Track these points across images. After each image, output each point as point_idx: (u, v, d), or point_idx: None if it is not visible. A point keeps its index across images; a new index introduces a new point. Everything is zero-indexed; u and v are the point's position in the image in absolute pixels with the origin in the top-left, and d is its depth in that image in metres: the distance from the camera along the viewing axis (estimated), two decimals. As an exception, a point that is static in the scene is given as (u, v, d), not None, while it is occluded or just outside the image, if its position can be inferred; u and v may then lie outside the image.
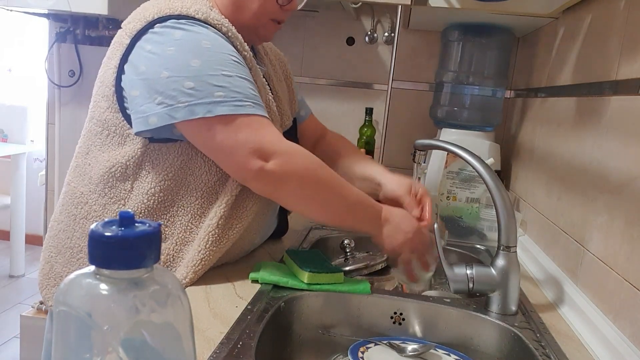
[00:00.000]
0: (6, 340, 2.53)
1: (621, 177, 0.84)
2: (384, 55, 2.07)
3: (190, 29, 0.86)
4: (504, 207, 0.87)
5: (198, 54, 0.83)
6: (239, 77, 0.85)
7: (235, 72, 0.85)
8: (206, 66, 0.83)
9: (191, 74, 0.82)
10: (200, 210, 0.91)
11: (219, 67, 0.84)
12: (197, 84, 0.82)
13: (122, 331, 0.37)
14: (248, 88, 0.86)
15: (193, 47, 0.84)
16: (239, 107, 0.83)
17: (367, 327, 0.90)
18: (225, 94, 0.83)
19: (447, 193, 1.35)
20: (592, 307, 0.87)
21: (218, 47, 0.86)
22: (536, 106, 1.46)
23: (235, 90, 0.84)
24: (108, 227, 0.37)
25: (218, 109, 0.82)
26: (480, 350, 0.87)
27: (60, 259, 0.94)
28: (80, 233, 0.93)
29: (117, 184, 0.90)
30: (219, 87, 0.83)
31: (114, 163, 0.90)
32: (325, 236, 1.25)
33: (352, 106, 2.12)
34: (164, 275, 0.40)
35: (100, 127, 0.92)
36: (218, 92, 0.82)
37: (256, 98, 0.87)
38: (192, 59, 0.83)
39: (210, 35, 0.86)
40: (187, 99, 0.82)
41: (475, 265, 0.89)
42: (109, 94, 0.90)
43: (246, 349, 0.70)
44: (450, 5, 1.33)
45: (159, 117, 0.83)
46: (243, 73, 0.87)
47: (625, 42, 0.90)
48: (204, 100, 0.82)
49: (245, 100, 0.84)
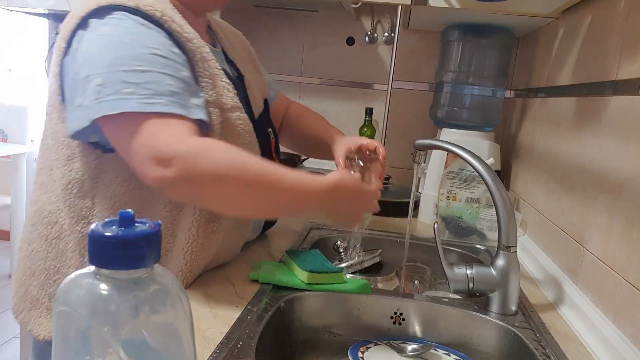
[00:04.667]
0: (6, 340, 2.53)
1: (621, 177, 0.84)
2: (384, 55, 2.07)
3: (113, 24, 0.79)
4: (504, 207, 0.87)
5: (115, 49, 0.77)
6: (157, 72, 0.77)
7: (154, 67, 0.77)
8: (120, 61, 0.76)
9: (103, 70, 0.76)
10: (171, 219, 0.86)
11: (135, 61, 0.76)
12: (106, 80, 0.75)
13: (122, 331, 0.37)
14: (166, 84, 0.77)
15: (111, 43, 0.77)
16: (147, 104, 0.75)
17: (367, 327, 0.90)
18: (134, 90, 0.75)
19: (447, 193, 1.35)
20: (592, 307, 0.87)
21: (140, 41, 0.78)
22: (536, 106, 1.46)
23: (148, 87, 0.75)
24: (108, 227, 0.37)
25: (124, 105, 0.74)
26: (480, 350, 0.87)
27: (35, 281, 0.89)
28: (55, 254, 0.88)
29: (77, 201, 0.85)
30: (129, 83, 0.75)
31: (69, 180, 0.84)
32: (325, 236, 1.26)
33: (352, 106, 2.12)
34: (164, 275, 0.40)
35: (53, 140, 0.86)
36: (127, 88, 0.75)
37: (176, 95, 0.77)
38: (106, 54, 0.76)
39: (134, 28, 0.79)
40: (95, 96, 0.75)
41: (475, 265, 0.89)
42: (56, 104, 0.85)
43: (246, 349, 0.70)
44: (450, 5, 1.33)
45: (77, 120, 0.77)
46: (166, 67, 0.78)
47: (625, 42, 0.90)
48: (111, 97, 0.74)
49: (158, 97, 0.75)
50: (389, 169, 1.97)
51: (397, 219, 1.47)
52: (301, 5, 1.95)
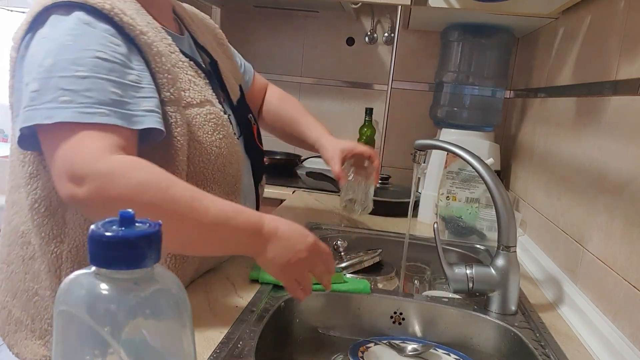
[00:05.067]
0: (6, 340, 2.53)
1: (621, 177, 0.84)
2: (384, 55, 2.07)
3: (55, 25, 0.73)
4: (503, 207, 0.87)
5: (54, 52, 0.71)
6: (99, 78, 0.71)
7: (95, 72, 0.71)
8: (58, 66, 0.70)
9: (39, 75, 0.70)
10: None
11: (74, 66, 0.70)
12: (42, 86, 0.69)
13: (122, 331, 0.37)
14: (109, 91, 0.71)
15: (51, 47, 0.72)
16: (84, 114, 0.68)
17: (367, 327, 0.90)
18: (72, 98, 0.69)
19: (447, 193, 1.35)
20: (592, 307, 0.87)
21: (81, 43, 0.72)
22: (536, 106, 1.46)
23: (87, 95, 0.69)
24: (108, 227, 0.37)
25: (58, 114, 0.68)
26: (480, 350, 0.87)
27: (17, 302, 0.85)
28: (32, 275, 0.83)
29: (46, 220, 0.80)
30: (67, 90, 0.69)
31: (35, 198, 0.80)
32: (325, 236, 1.26)
33: (352, 106, 2.12)
34: (165, 275, 0.40)
35: (17, 157, 0.82)
36: (64, 96, 0.69)
37: (119, 103, 0.72)
38: (45, 59, 0.71)
39: (76, 29, 0.72)
40: (29, 103, 0.69)
41: (475, 265, 0.89)
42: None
43: (246, 349, 0.70)
44: (450, 6, 1.33)
45: (19, 130, 0.71)
46: (110, 72, 0.72)
47: (625, 42, 0.90)
48: (46, 105, 0.68)
49: (98, 106, 0.69)
50: (389, 169, 1.97)
51: (397, 219, 1.47)
52: (301, 6, 1.95)
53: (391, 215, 1.49)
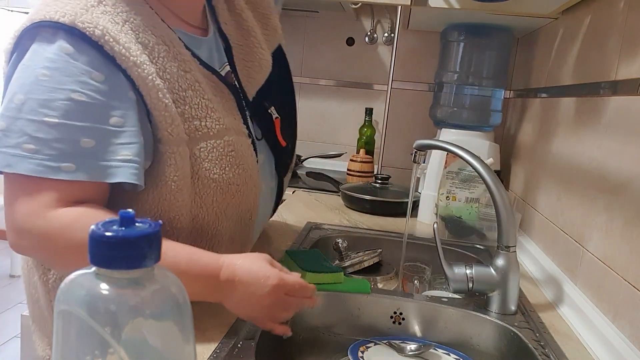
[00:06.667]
0: (6, 340, 2.53)
1: (621, 177, 0.84)
2: (384, 55, 2.07)
3: (35, 50, 0.67)
4: (503, 207, 0.87)
5: (26, 88, 0.65)
6: (71, 125, 0.65)
7: (68, 117, 0.65)
8: (28, 106, 0.64)
9: (8, 112, 0.65)
10: None
11: (45, 109, 0.64)
12: (9, 127, 0.64)
13: (122, 331, 0.37)
14: (81, 141, 0.65)
15: (26, 79, 0.66)
16: (48, 168, 0.64)
17: (367, 327, 0.90)
18: (37, 148, 0.64)
19: (447, 193, 1.35)
20: (592, 307, 0.87)
21: (57, 80, 0.65)
22: (536, 106, 1.46)
23: (54, 146, 0.64)
24: (108, 227, 0.37)
25: (20, 165, 0.64)
26: (480, 349, 0.87)
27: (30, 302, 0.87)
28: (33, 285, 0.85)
29: None
30: (33, 137, 0.64)
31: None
32: (325, 236, 1.26)
33: (352, 106, 2.12)
34: (164, 275, 0.40)
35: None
36: (29, 143, 0.64)
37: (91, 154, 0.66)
38: (16, 94, 0.65)
39: (54, 61, 0.66)
40: None
41: (475, 265, 0.89)
42: None
43: (246, 349, 0.70)
44: (449, 6, 1.33)
45: None
46: (85, 117, 0.66)
47: (625, 43, 0.90)
48: (8, 150, 0.64)
49: (64, 159, 0.65)
50: (389, 169, 1.97)
51: (397, 219, 1.48)
52: (301, 6, 1.95)
53: (391, 215, 1.49)
